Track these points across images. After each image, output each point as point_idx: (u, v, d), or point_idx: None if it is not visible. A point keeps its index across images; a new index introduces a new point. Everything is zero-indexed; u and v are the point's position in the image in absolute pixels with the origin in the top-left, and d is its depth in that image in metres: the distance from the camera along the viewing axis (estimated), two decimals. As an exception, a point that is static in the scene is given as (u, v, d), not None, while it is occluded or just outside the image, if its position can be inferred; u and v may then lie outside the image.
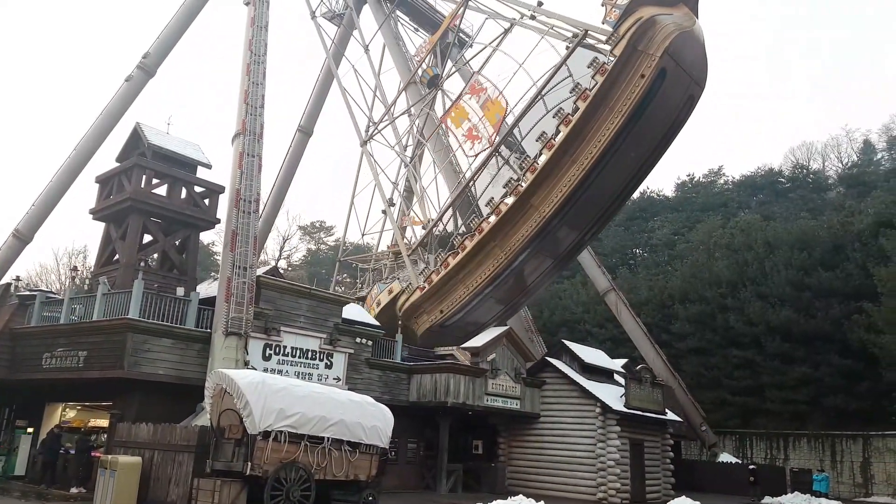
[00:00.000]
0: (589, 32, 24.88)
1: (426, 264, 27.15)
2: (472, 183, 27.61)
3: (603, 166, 23.21)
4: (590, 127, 23.15)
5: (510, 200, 24.01)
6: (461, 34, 44.77)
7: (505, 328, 25.51)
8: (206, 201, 23.99)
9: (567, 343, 27.19)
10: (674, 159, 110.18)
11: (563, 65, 25.07)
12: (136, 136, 23.24)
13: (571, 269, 50.35)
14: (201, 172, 24.35)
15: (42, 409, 20.31)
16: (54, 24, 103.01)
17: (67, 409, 21.27)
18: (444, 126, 31.57)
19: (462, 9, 32.59)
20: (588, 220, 24.50)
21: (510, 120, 26.89)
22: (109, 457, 15.17)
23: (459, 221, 29.30)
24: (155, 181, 22.68)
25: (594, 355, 27.84)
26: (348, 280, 54.12)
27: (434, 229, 28.48)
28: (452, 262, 25.15)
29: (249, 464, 12.82)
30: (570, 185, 23.18)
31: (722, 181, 64.59)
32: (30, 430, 19.93)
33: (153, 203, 22.22)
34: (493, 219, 24.27)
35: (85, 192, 31.07)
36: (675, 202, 62.79)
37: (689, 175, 66.40)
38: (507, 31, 29.13)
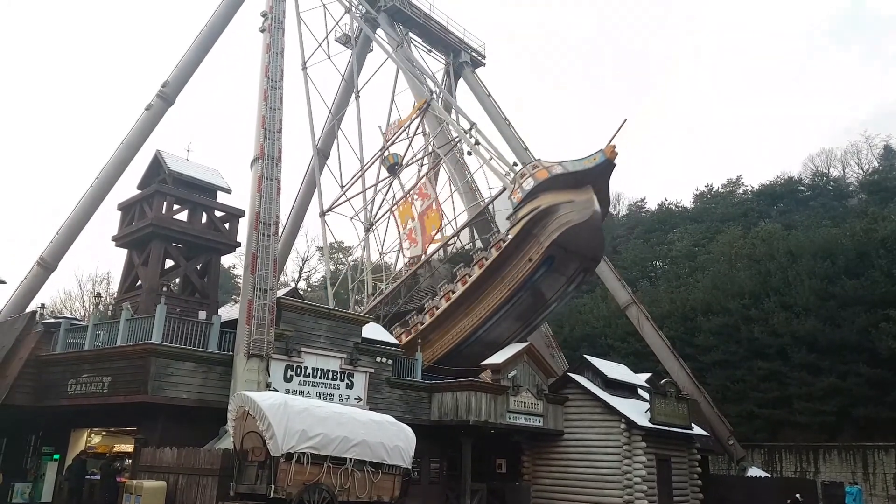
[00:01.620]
0: (516, 180, 28.24)
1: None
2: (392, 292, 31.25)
3: (493, 322, 25.98)
4: (483, 289, 26.03)
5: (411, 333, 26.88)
6: (474, 54, 45.25)
7: (525, 344, 25.39)
8: (227, 225, 24.26)
9: (589, 358, 26.93)
10: (691, 170, 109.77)
11: (492, 202, 29.80)
12: (157, 164, 23.61)
13: (591, 284, 50.02)
14: (221, 197, 24.67)
15: (68, 435, 20.48)
16: (75, 50, 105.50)
17: (93, 435, 21.44)
18: (394, 213, 34.65)
19: (422, 113, 34.61)
20: (481, 358, 26.26)
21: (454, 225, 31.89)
22: (135, 481, 15.26)
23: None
24: (176, 207, 22.97)
25: (617, 370, 27.54)
26: (361, 298, 54.11)
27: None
28: None
29: (273, 486, 12.81)
30: (464, 332, 26.06)
31: (741, 191, 64.05)
32: (56, 456, 20.10)
33: (174, 228, 22.49)
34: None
35: (107, 219, 31.66)
36: (694, 213, 62.31)
37: (707, 185, 66.07)
38: (453, 145, 33.70)
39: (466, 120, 33.13)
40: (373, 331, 22.79)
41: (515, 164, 30.42)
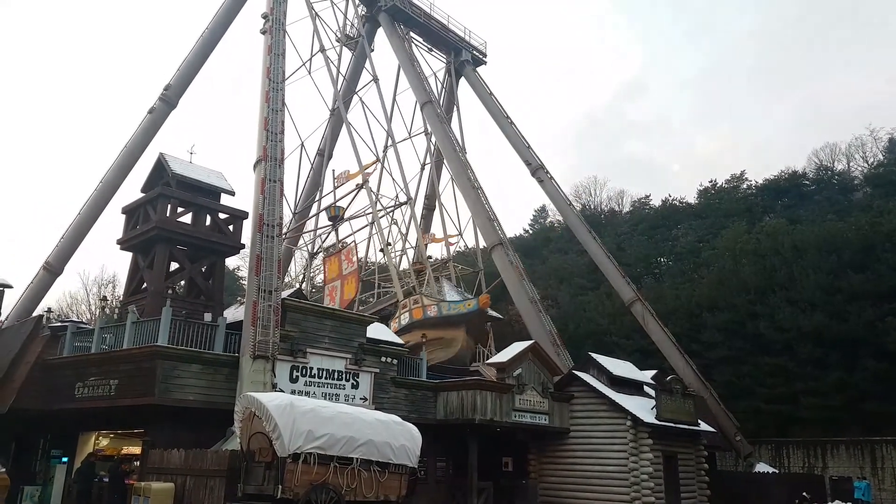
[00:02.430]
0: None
1: None
2: None
3: None
4: None
5: None
6: (475, 52, 45.24)
7: (530, 342, 25.37)
8: (231, 227, 24.29)
9: (594, 356, 26.84)
10: (695, 166, 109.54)
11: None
12: (161, 167, 23.64)
13: (595, 281, 49.97)
14: (225, 199, 24.71)
15: (76, 438, 20.55)
16: (75, 52, 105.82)
17: (101, 438, 21.52)
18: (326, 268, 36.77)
19: (358, 189, 36.40)
20: None
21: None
22: (143, 483, 15.32)
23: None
24: (180, 210, 23.01)
25: (622, 367, 27.45)
26: (371, 300, 54.19)
27: None
28: None
29: (280, 487, 12.83)
30: None
31: (745, 186, 63.71)
32: (65, 459, 20.18)
33: (179, 231, 22.52)
34: None
35: (112, 222, 31.77)
36: (698, 209, 62.09)
37: (710, 181, 65.72)
38: (371, 223, 35.96)
39: (404, 193, 35.64)
40: (377, 331, 22.82)
41: (430, 257, 31.89)
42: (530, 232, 76.26)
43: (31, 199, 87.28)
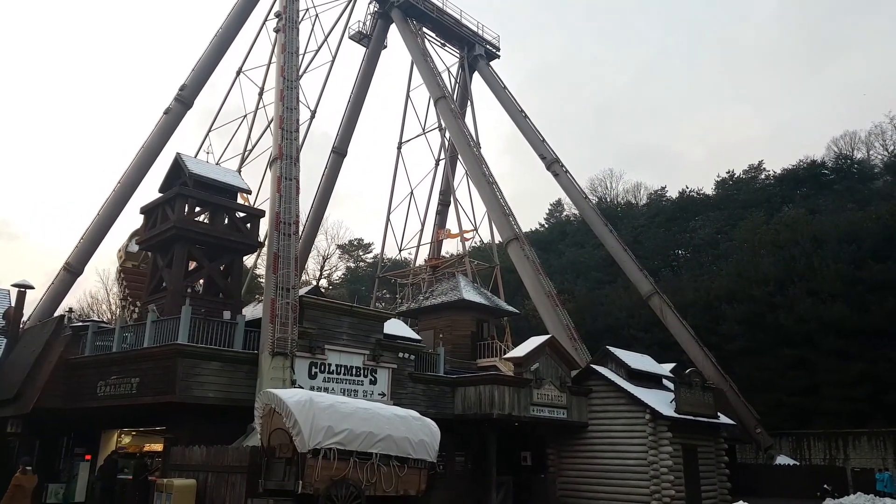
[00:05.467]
0: None
1: None
2: None
3: None
4: None
5: None
6: (488, 46, 45.16)
7: (548, 336, 25.31)
8: (248, 226, 24.41)
9: (612, 349, 26.75)
10: (712, 157, 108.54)
11: None
12: (178, 166, 23.77)
13: (612, 274, 49.73)
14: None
15: (98, 436, 20.84)
16: (86, 55, 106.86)
17: (123, 436, 21.79)
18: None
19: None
20: None
21: None
22: (165, 480, 15.50)
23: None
24: (197, 209, 23.14)
25: (641, 361, 27.34)
26: (388, 296, 54.48)
27: None
28: None
29: (301, 482, 12.92)
30: None
31: (763, 176, 63.07)
32: (87, 457, 20.45)
33: (197, 230, 22.63)
34: None
35: (131, 222, 32.17)
36: (715, 200, 61.55)
37: (728, 172, 65.14)
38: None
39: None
40: (395, 327, 22.90)
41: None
42: (546, 226, 76.06)
43: (31, 199, 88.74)
